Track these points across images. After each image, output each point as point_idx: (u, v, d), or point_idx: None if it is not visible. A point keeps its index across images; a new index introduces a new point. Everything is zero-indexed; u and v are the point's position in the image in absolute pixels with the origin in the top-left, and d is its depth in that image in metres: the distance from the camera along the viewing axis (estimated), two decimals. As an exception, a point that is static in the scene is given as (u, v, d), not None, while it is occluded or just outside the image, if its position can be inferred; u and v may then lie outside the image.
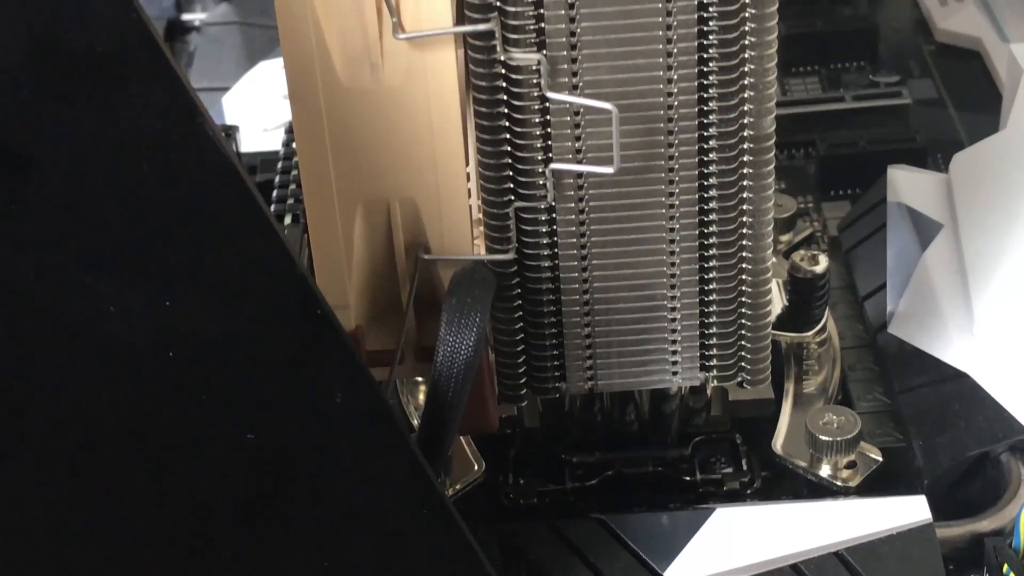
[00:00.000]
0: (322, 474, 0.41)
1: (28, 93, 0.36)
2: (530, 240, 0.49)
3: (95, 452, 0.40)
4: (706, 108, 0.47)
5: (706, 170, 0.48)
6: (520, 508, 0.55)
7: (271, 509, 0.41)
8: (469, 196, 0.48)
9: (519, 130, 0.47)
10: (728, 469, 0.56)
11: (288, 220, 0.60)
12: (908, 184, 0.62)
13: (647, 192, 0.48)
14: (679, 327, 0.51)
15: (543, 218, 0.48)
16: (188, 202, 0.37)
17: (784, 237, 0.63)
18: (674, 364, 0.51)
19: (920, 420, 0.55)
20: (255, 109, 0.76)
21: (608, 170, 0.46)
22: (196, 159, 0.37)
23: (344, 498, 0.41)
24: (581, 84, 0.46)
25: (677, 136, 0.47)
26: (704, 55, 0.46)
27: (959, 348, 0.55)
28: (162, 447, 0.40)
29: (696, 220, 0.49)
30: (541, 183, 0.48)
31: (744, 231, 0.49)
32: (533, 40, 0.45)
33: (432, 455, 0.44)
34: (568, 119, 0.47)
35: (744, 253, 0.49)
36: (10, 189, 0.37)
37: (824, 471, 0.53)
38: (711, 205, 0.48)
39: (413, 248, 0.48)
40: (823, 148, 0.71)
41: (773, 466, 0.55)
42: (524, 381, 0.51)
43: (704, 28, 0.46)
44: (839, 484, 0.53)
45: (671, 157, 0.48)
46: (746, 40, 0.46)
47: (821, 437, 0.53)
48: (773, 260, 0.50)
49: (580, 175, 0.48)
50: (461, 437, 0.54)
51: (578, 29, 0.45)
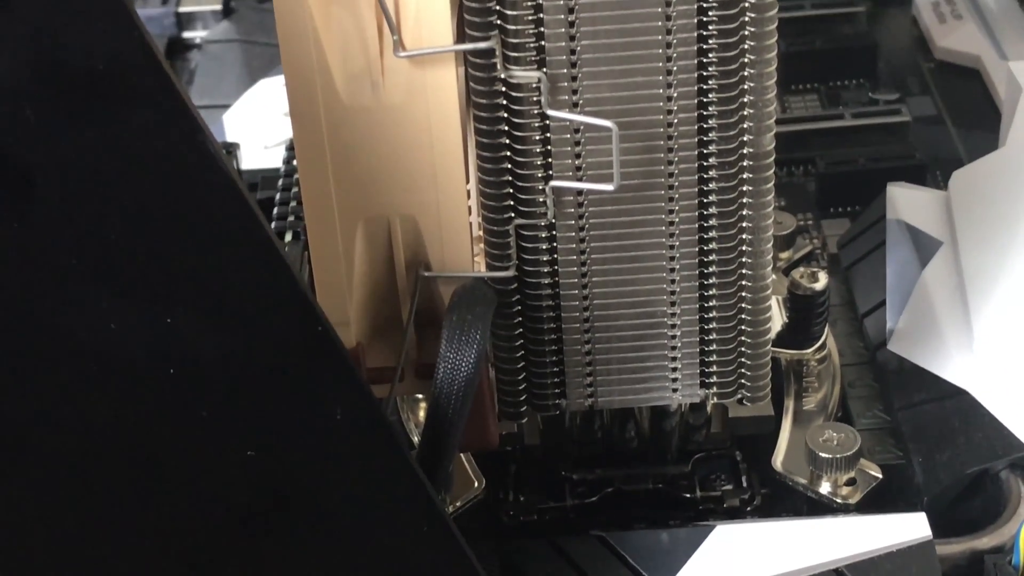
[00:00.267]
0: (322, 491, 0.41)
1: (31, 111, 0.36)
2: (530, 257, 0.49)
3: (96, 469, 0.40)
4: (706, 126, 0.47)
5: (706, 187, 0.48)
6: (520, 525, 0.55)
7: (272, 526, 0.41)
8: (469, 213, 0.49)
9: (519, 147, 0.47)
10: (728, 486, 0.56)
11: (289, 237, 0.60)
12: (907, 201, 0.62)
13: (647, 209, 0.48)
14: (679, 344, 0.51)
15: (543, 235, 0.48)
16: (189, 219, 0.37)
17: (784, 254, 0.63)
18: (674, 381, 0.51)
19: (920, 437, 0.55)
20: (256, 126, 0.76)
21: (608, 187, 0.46)
22: (197, 176, 0.37)
23: (345, 515, 0.41)
24: (581, 102, 0.46)
25: (677, 153, 0.47)
26: (704, 73, 0.46)
27: (959, 365, 0.55)
28: (163, 464, 0.40)
29: (696, 237, 0.49)
30: (541, 200, 0.48)
31: (744, 248, 0.49)
32: (533, 58, 0.45)
33: (432, 472, 0.44)
34: (568, 136, 0.47)
35: (744, 270, 0.49)
36: (12, 207, 0.37)
37: (824, 488, 0.53)
38: (711, 222, 0.49)
39: (413, 265, 0.48)
40: (823, 165, 0.71)
41: (773, 483, 0.55)
42: (524, 398, 0.51)
43: (704, 46, 0.46)
44: (839, 501, 0.53)
45: (671, 174, 0.48)
46: (746, 58, 0.46)
47: (821, 454, 0.53)
48: (773, 277, 0.50)
49: (580, 192, 0.48)
50: (461, 454, 0.54)
51: (578, 47, 0.46)
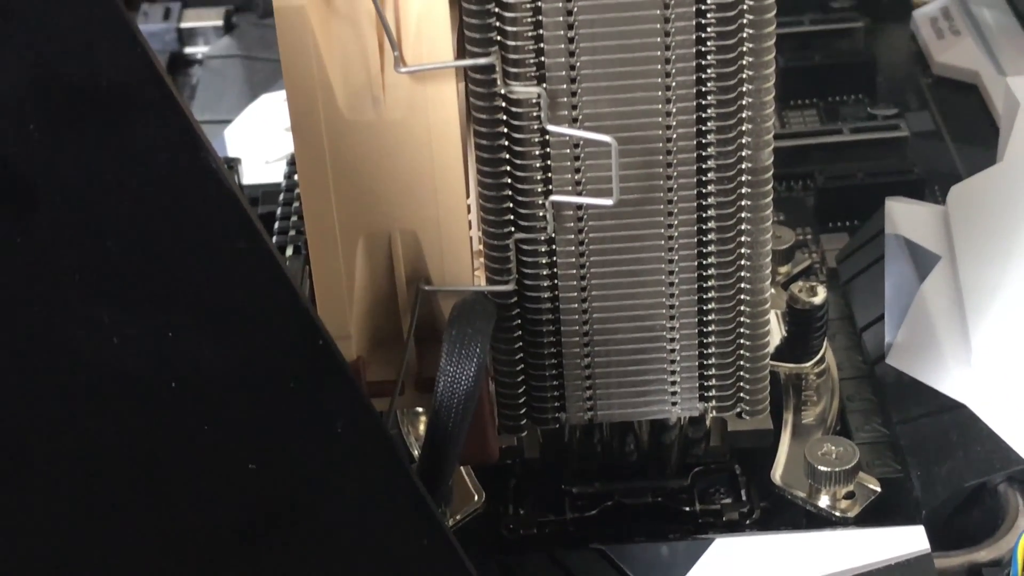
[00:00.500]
0: (323, 504, 0.41)
1: (34, 126, 0.36)
2: (530, 271, 0.49)
3: (97, 482, 0.40)
4: (705, 140, 0.47)
5: (705, 202, 0.48)
6: (520, 538, 0.55)
7: (272, 539, 0.41)
8: (470, 228, 0.49)
9: (519, 162, 0.47)
10: (727, 499, 0.56)
11: (290, 251, 0.60)
12: (906, 216, 0.62)
13: (646, 224, 0.49)
14: (678, 358, 0.51)
15: (543, 249, 0.49)
16: (191, 234, 0.38)
17: (783, 268, 0.63)
18: (673, 395, 0.52)
19: (918, 451, 0.55)
20: (257, 141, 0.76)
21: (607, 202, 0.47)
22: (199, 191, 0.37)
23: (345, 528, 0.41)
24: (581, 117, 0.47)
25: (676, 168, 0.48)
26: (703, 88, 0.46)
27: (957, 379, 0.55)
28: (163, 477, 0.40)
29: (695, 251, 0.49)
30: (541, 215, 0.48)
31: (743, 262, 0.49)
32: (533, 73, 0.46)
33: (432, 485, 0.44)
34: (568, 151, 0.47)
35: (743, 284, 0.49)
36: (15, 220, 0.37)
37: (823, 501, 0.53)
38: (710, 237, 0.49)
39: (414, 279, 0.49)
40: (821, 180, 0.71)
41: (772, 496, 0.55)
42: (524, 411, 0.51)
43: (703, 61, 0.46)
44: (838, 514, 0.53)
45: (670, 189, 0.48)
46: (744, 73, 0.46)
47: (820, 467, 0.53)
48: (772, 291, 0.50)
49: (580, 207, 0.48)
50: (461, 467, 0.54)
51: (578, 63, 0.46)
